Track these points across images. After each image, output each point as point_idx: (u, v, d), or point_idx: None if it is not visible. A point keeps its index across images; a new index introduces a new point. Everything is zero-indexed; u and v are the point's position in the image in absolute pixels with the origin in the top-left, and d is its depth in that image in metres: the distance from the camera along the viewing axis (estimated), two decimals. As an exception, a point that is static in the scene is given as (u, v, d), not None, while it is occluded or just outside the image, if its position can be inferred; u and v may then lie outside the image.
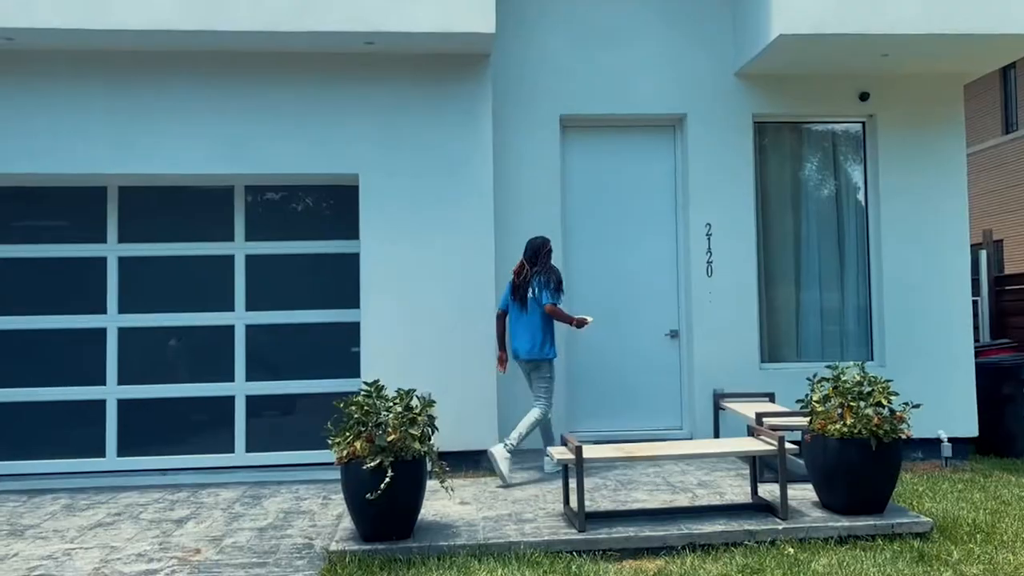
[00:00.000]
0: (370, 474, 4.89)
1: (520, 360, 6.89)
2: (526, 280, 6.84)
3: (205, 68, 7.17)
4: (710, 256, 7.99)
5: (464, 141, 7.33)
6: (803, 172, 8.29)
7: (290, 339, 7.53)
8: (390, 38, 6.92)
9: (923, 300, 8.07)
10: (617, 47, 8.01)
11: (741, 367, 7.91)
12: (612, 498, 5.99)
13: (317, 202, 7.64)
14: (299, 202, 7.63)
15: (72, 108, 7.06)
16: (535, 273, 6.81)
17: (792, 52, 7.38)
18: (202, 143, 7.16)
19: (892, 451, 5.27)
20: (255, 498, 6.50)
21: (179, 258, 7.50)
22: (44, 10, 6.54)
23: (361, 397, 5.11)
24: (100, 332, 7.39)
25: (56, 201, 7.42)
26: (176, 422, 7.43)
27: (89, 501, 6.49)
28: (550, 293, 6.74)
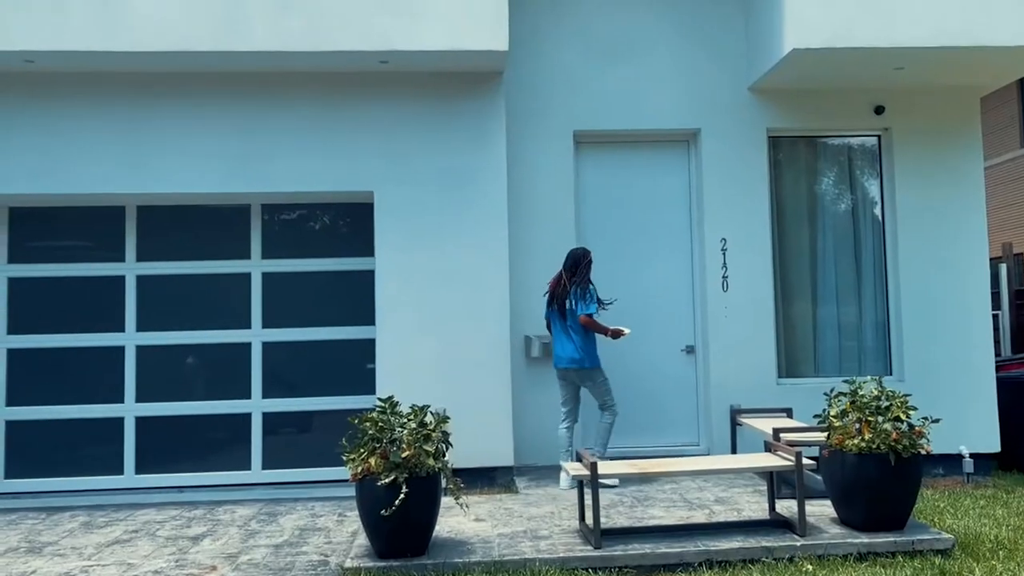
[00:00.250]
0: (384, 490, 4.88)
1: (561, 369, 7.02)
2: (564, 290, 6.97)
3: (222, 88, 7.25)
4: (725, 271, 7.96)
5: (478, 157, 7.36)
6: (819, 186, 8.26)
7: (306, 356, 7.55)
8: (404, 57, 6.97)
9: (942, 314, 7.99)
10: (631, 62, 8.03)
11: (758, 382, 7.86)
12: (628, 515, 5.95)
13: (333, 219, 7.69)
14: (315, 219, 7.68)
15: (90, 128, 7.15)
16: (573, 283, 6.90)
17: (805, 66, 7.37)
18: (219, 162, 7.23)
19: (912, 466, 5.21)
20: (271, 515, 6.51)
21: (196, 276, 7.55)
22: (65, 33, 6.64)
23: (375, 413, 5.11)
24: (118, 350, 7.45)
25: (76, 221, 7.50)
26: (193, 439, 7.46)
27: (107, 518, 6.52)
28: (585, 304, 6.85)
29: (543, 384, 7.75)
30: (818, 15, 6.97)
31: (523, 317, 7.78)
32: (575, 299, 6.90)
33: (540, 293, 7.75)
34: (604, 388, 7.01)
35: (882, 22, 6.99)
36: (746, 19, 8.06)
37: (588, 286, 6.94)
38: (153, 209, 7.56)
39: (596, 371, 6.97)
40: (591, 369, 6.94)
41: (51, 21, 6.63)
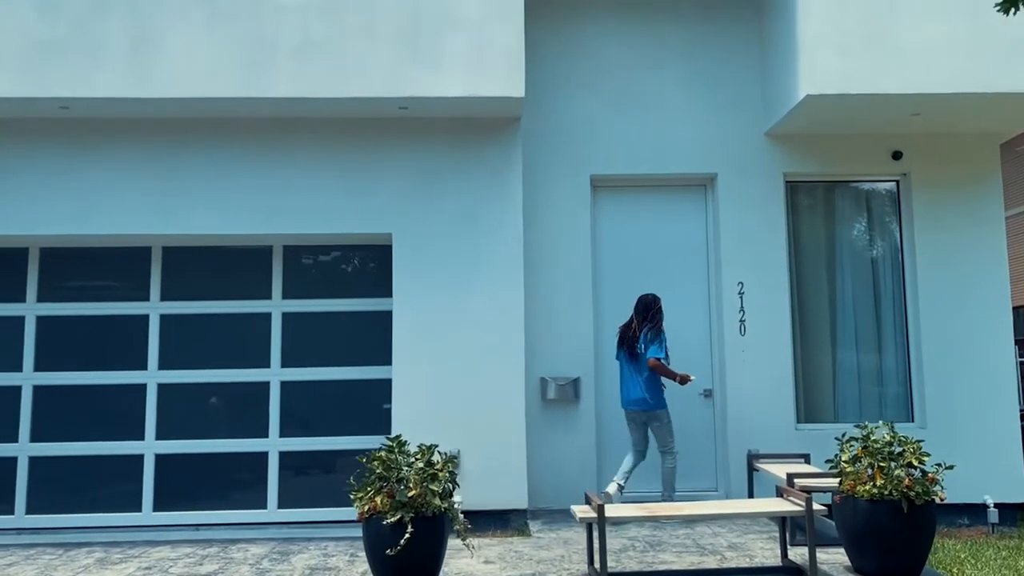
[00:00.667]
0: (390, 530, 4.91)
1: (629, 411, 7.29)
2: (635, 334, 7.25)
3: (246, 133, 7.45)
4: (743, 315, 7.95)
5: (495, 202, 7.47)
6: (837, 231, 8.25)
7: (324, 395, 7.63)
8: (423, 103, 7.13)
9: (964, 361, 7.89)
10: (647, 108, 8.14)
11: (776, 427, 7.79)
12: (639, 559, 5.90)
13: (352, 260, 7.82)
14: (334, 261, 7.81)
15: (121, 172, 7.37)
16: (644, 327, 7.20)
17: (820, 112, 7.42)
18: (243, 204, 7.41)
19: (925, 514, 5.12)
20: (283, 554, 6.53)
21: (218, 316, 7.69)
22: (98, 80, 6.89)
23: (383, 452, 5.15)
24: (141, 388, 7.58)
25: (103, 261, 7.70)
26: (211, 477, 7.53)
27: (122, 555, 6.58)
28: (656, 348, 7.12)
29: (559, 426, 7.76)
30: (832, 62, 7.04)
31: (539, 359, 7.82)
32: (645, 343, 7.17)
33: (558, 336, 7.81)
34: (666, 431, 7.22)
35: (896, 68, 7.04)
36: (762, 65, 8.15)
37: (660, 331, 7.21)
38: (178, 250, 7.74)
39: (662, 412, 7.20)
40: (656, 411, 7.17)
41: (85, 69, 6.89)
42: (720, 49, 8.23)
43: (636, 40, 8.21)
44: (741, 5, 8.25)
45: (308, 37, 6.98)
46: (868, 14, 7.08)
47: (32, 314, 7.62)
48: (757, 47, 8.20)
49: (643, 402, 7.17)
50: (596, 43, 8.20)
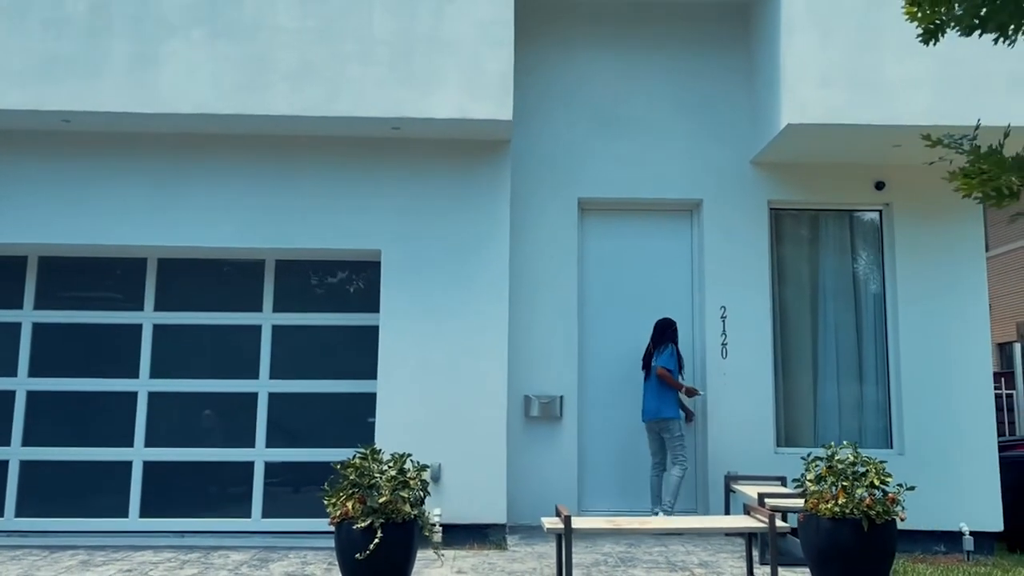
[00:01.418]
0: (361, 534, 5.03)
1: (647, 422, 7.76)
2: (650, 354, 7.79)
3: (242, 150, 7.66)
4: (725, 338, 8.07)
5: (483, 221, 7.64)
6: (820, 258, 8.39)
7: (310, 408, 7.77)
8: (414, 124, 7.34)
9: (944, 391, 7.98)
10: (636, 133, 8.33)
11: (756, 450, 7.88)
12: (609, 574, 5.99)
13: (342, 276, 7.99)
14: (325, 276, 7.99)
15: (119, 184, 7.58)
16: (659, 347, 7.73)
17: (802, 141, 7.59)
18: (237, 219, 7.60)
19: (885, 532, 5.21)
20: (263, 561, 6.65)
21: (210, 327, 7.86)
22: (100, 95, 7.12)
23: (357, 459, 5.29)
24: (132, 395, 7.75)
25: (99, 271, 7.90)
26: (197, 485, 7.67)
27: (105, 557, 6.71)
28: (665, 359, 7.65)
29: (541, 444, 7.88)
30: (813, 93, 7.22)
31: (524, 377, 7.96)
32: (658, 355, 7.68)
33: (543, 355, 7.99)
34: (678, 442, 7.61)
35: (877, 100, 7.21)
36: (749, 94, 8.34)
37: (673, 347, 7.74)
38: (173, 261, 7.93)
39: (672, 422, 7.62)
40: (668, 420, 7.62)
41: (87, 84, 7.13)
42: (709, 78, 8.43)
43: (626, 67, 8.42)
44: (730, 35, 8.45)
45: (305, 57, 7.20)
46: (850, 48, 7.26)
47: (28, 321, 7.81)
48: (745, 76, 8.39)
49: (654, 411, 7.65)
50: (586, 69, 8.41)
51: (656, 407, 7.65)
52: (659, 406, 7.63)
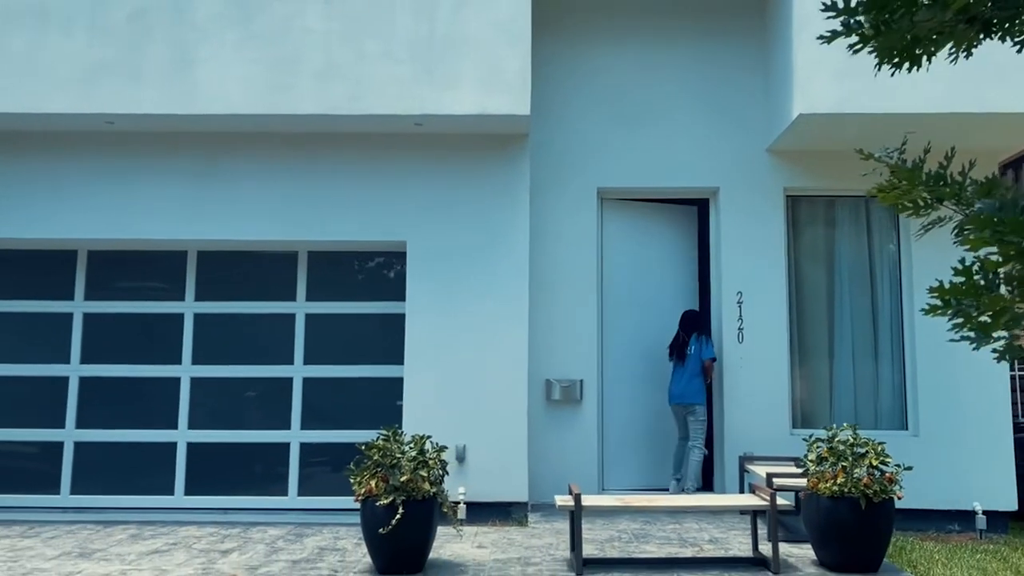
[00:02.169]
0: (383, 511, 5.40)
1: (674, 405, 8.27)
2: (683, 342, 8.28)
3: (274, 147, 8.05)
4: (741, 323, 8.29)
5: (503, 212, 7.95)
6: (836, 244, 8.54)
7: (342, 391, 8.17)
8: (436, 120, 7.65)
9: (959, 372, 8.10)
10: (653, 123, 8.54)
11: (772, 432, 8.10)
12: (622, 549, 6.30)
13: (370, 266, 8.36)
14: (354, 266, 8.36)
15: (160, 181, 8.02)
16: (693, 334, 8.25)
17: (815, 130, 7.74)
18: (269, 213, 8.00)
19: (883, 510, 5.44)
20: (298, 536, 7.08)
21: (247, 315, 8.29)
22: (141, 98, 7.54)
23: (380, 441, 5.65)
24: (175, 381, 8.22)
25: (144, 263, 8.36)
26: (238, 465, 8.12)
27: (153, 532, 7.20)
28: (710, 350, 8.22)
29: (563, 426, 8.19)
30: (824, 82, 7.36)
31: (546, 362, 8.26)
32: (697, 345, 8.21)
33: (564, 340, 8.27)
34: (701, 425, 8.13)
35: (890, 88, 7.27)
36: (765, 83, 8.50)
37: (710, 337, 8.29)
38: (211, 254, 8.36)
39: (700, 407, 8.15)
40: (696, 405, 8.14)
41: (129, 88, 7.55)
42: (725, 67, 8.60)
43: (643, 57, 8.62)
44: (746, 25, 8.60)
45: (330, 58, 7.54)
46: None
47: (80, 311, 8.31)
48: (760, 66, 8.55)
49: (683, 395, 8.17)
50: (604, 61, 8.63)
51: (686, 392, 8.18)
52: (689, 391, 8.16)
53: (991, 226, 2.26)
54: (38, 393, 8.20)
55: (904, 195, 2.63)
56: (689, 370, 8.17)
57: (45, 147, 8.04)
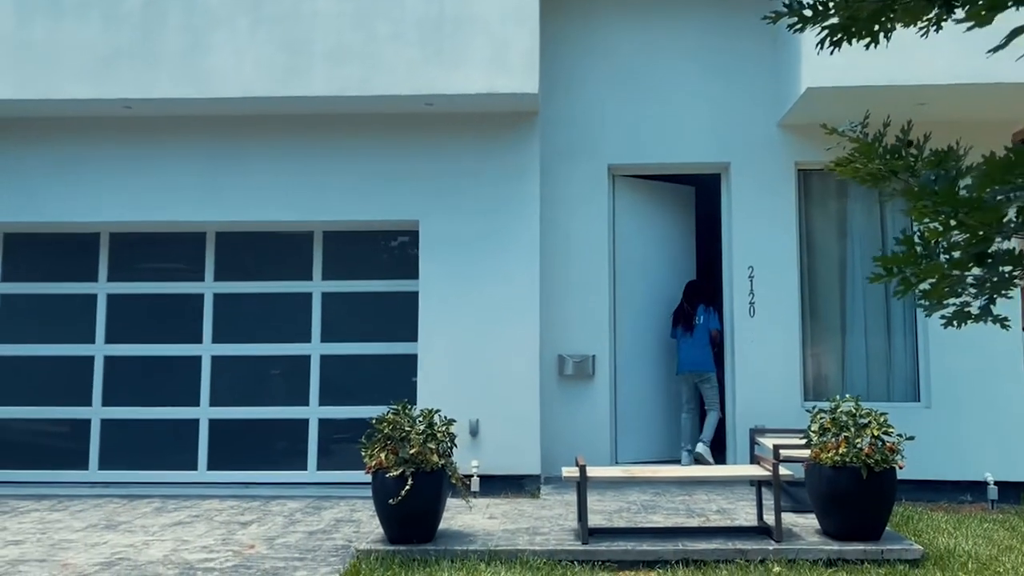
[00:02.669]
0: (393, 482, 5.55)
1: (685, 374, 8.48)
2: (688, 312, 8.53)
3: (288, 129, 8.18)
4: (752, 297, 8.33)
5: (514, 189, 8.04)
6: (848, 217, 8.54)
7: (358, 368, 8.34)
8: (446, 100, 7.73)
9: (971, 344, 8.08)
10: (663, 100, 8.56)
11: (783, 405, 8.16)
12: (629, 519, 6.43)
13: (384, 245, 8.50)
14: (368, 245, 8.50)
15: (178, 164, 8.20)
16: (699, 305, 8.52)
17: (824, 103, 7.73)
18: (285, 194, 8.15)
19: (884, 480, 5.51)
20: (316, 508, 7.28)
21: (265, 295, 8.47)
22: (158, 82, 7.70)
23: (391, 415, 5.80)
24: (196, 359, 8.43)
25: (163, 245, 8.56)
26: (258, 441, 8.34)
27: (177, 505, 7.43)
28: (716, 321, 8.50)
29: (575, 400, 8.30)
30: (832, 56, 7.30)
31: (558, 338, 8.36)
32: (704, 316, 8.47)
33: (576, 316, 8.36)
34: (714, 391, 8.46)
35: (898, 60, 7.28)
36: (774, 57, 8.48)
37: (718, 307, 8.55)
38: (229, 235, 8.54)
39: (713, 375, 8.43)
40: (708, 372, 8.40)
41: (145, 73, 7.71)
42: (735, 42, 8.58)
43: (652, 33, 8.63)
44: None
45: (341, 40, 7.64)
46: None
47: (103, 292, 8.53)
48: (770, 40, 8.52)
49: (696, 364, 8.40)
50: (614, 37, 8.66)
51: (699, 360, 8.42)
52: (701, 360, 8.42)
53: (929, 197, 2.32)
54: (65, 372, 8.45)
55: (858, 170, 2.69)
56: (698, 339, 8.43)
57: (66, 133, 8.24)
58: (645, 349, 8.60)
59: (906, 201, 2.61)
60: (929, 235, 2.46)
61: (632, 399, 8.51)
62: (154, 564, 5.51)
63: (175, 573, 5.31)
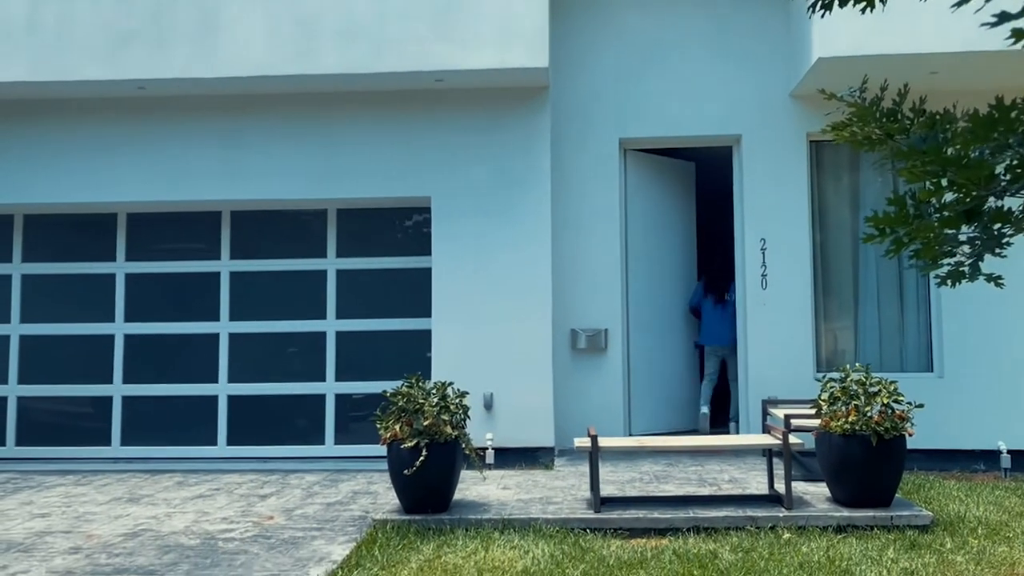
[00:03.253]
0: (408, 453, 5.65)
1: (715, 346, 8.78)
2: (720, 285, 8.77)
3: (301, 108, 8.24)
4: (765, 270, 8.34)
5: (525, 164, 8.07)
6: (860, 188, 8.52)
7: (374, 344, 8.44)
8: (456, 75, 7.76)
9: (984, 314, 8.08)
10: (675, 73, 8.54)
11: (795, 376, 8.19)
12: (642, 488, 6.50)
13: (397, 222, 8.56)
14: (382, 222, 8.57)
15: (192, 144, 8.28)
16: (731, 282, 8.72)
17: (835, 73, 7.69)
18: (300, 172, 8.22)
19: (894, 447, 5.55)
20: (333, 481, 7.40)
21: (281, 272, 8.57)
22: (169, 63, 7.77)
23: (405, 388, 5.89)
24: (214, 337, 8.55)
25: (179, 224, 8.66)
26: (277, 416, 8.47)
27: (198, 479, 7.58)
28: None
29: (588, 374, 8.37)
30: (843, 25, 7.30)
31: (571, 312, 8.42)
32: (733, 293, 8.59)
33: (588, 291, 8.41)
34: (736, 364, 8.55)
35: (909, 29, 7.25)
36: (786, 28, 8.44)
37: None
38: (245, 214, 8.63)
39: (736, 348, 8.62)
40: (736, 346, 8.55)
41: (158, 53, 7.78)
42: (746, 12, 8.54)
43: (662, 5, 8.60)
44: (767, -30, 8.53)
45: (351, 17, 7.67)
46: (881, -24, 7.29)
47: (121, 272, 8.66)
48: (781, 9, 8.48)
49: (727, 338, 8.64)
50: (624, 10, 8.63)
51: (729, 335, 8.65)
52: (733, 334, 8.59)
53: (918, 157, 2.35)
54: (86, 351, 8.61)
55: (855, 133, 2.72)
56: (730, 314, 8.66)
57: (82, 115, 8.34)
58: (659, 322, 8.65)
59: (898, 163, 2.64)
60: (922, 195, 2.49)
61: (645, 372, 8.57)
62: (176, 534, 5.65)
63: (197, 543, 5.44)
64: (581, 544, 5.24)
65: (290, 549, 5.30)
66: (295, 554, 5.19)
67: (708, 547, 5.15)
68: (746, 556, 4.96)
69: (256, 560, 5.07)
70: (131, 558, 5.13)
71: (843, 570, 4.71)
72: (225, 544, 5.42)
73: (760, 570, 4.71)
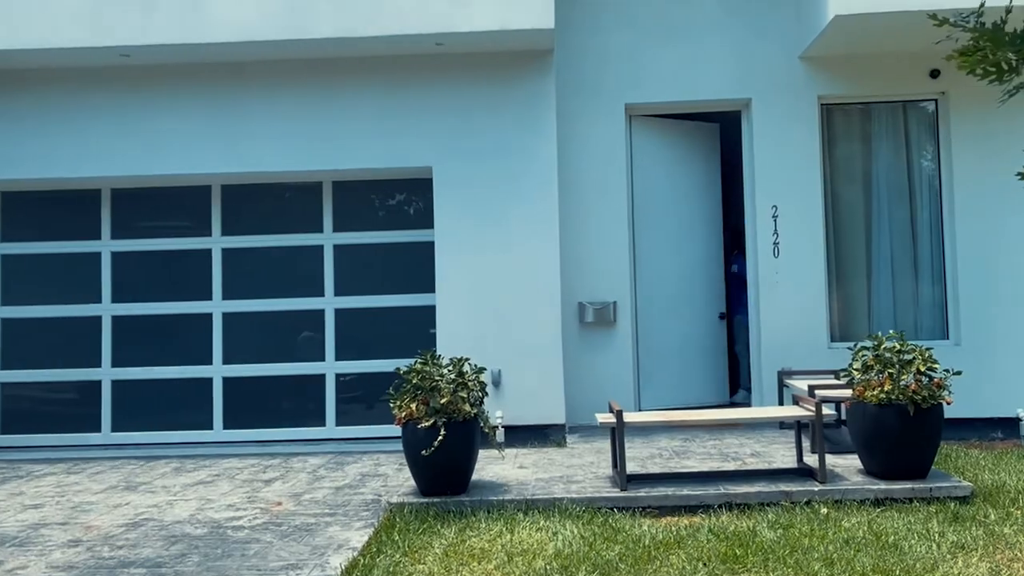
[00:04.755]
0: (425, 433, 5.37)
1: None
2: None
3: (295, 76, 7.86)
4: (777, 237, 8.11)
5: (529, 133, 7.75)
6: (873, 152, 8.30)
7: (374, 321, 8.13)
8: (457, 38, 7.41)
9: (1001, 281, 7.93)
10: (681, 35, 8.25)
11: (810, 346, 7.99)
12: (663, 465, 6.28)
13: (396, 194, 8.22)
14: (380, 195, 8.23)
15: (179, 115, 7.88)
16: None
17: (851, 32, 7.44)
18: (294, 143, 7.85)
19: (931, 416, 5.34)
20: (339, 464, 7.12)
21: (275, 248, 8.22)
22: (153, 28, 7.36)
23: (419, 364, 5.60)
24: (207, 317, 8.20)
25: (168, 200, 8.27)
26: (275, 398, 8.15)
27: (196, 465, 7.27)
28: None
29: (597, 348, 8.12)
30: (860, -19, 7.03)
31: (578, 285, 8.15)
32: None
33: (596, 263, 8.14)
34: None
35: (928, -15, 6.99)
36: (796, -12, 8.16)
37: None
38: (236, 188, 8.25)
39: None
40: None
41: (141, 18, 7.36)
42: (754, -27, 8.26)
43: (669, -32, 8.29)
44: (775, -73, 8.22)
45: (346, -21, 7.29)
46: (899, -70, 7.02)
47: (107, 250, 8.27)
48: (792, -31, 8.20)
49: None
50: (629, -28, 8.31)
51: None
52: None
53: None
54: (72, 333, 8.22)
55: (986, 59, 2.45)
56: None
57: (63, 84, 7.90)
58: (668, 294, 8.39)
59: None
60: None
61: (654, 345, 8.33)
62: (181, 524, 5.35)
63: (204, 532, 5.15)
64: (611, 524, 5.00)
65: (304, 536, 5.01)
66: (311, 541, 4.91)
67: (745, 524, 4.93)
68: (786, 533, 4.74)
69: (270, 549, 4.78)
70: (136, 550, 4.83)
71: (891, 544, 4.50)
72: (234, 533, 5.12)
73: (805, 547, 4.49)
